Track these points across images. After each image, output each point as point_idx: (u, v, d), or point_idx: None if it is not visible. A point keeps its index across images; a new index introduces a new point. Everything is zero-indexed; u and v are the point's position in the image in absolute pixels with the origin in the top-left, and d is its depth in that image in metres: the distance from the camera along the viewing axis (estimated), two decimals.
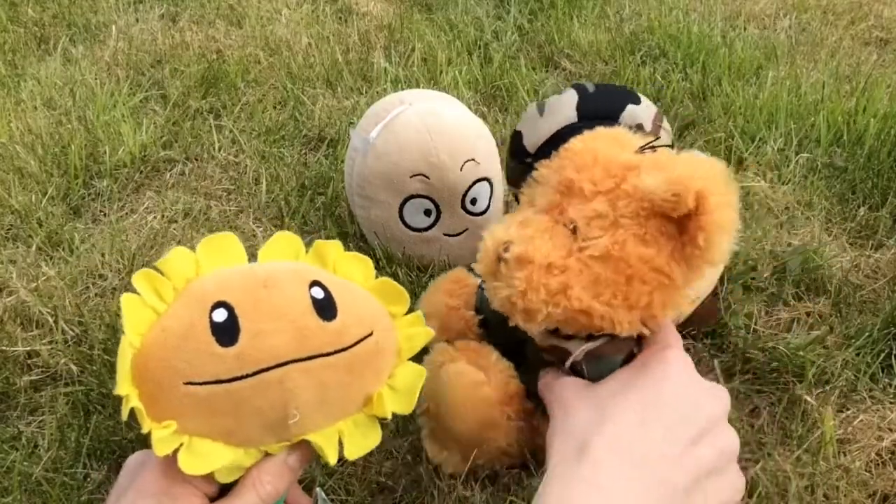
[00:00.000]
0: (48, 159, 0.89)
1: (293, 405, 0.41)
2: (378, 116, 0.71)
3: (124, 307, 0.41)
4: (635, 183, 0.41)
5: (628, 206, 0.41)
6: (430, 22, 1.27)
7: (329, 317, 0.42)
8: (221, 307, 0.41)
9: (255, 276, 0.43)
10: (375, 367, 0.44)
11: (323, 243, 0.47)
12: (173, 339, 0.41)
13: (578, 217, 0.42)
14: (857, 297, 0.71)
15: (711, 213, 0.39)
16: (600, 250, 0.41)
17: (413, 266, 0.73)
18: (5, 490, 0.54)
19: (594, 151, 0.44)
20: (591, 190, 0.43)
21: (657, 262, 0.41)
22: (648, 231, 0.41)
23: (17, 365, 0.64)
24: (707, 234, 0.39)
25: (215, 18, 1.28)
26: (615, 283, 0.41)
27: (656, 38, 1.17)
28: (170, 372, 0.40)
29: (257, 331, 0.40)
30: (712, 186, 0.39)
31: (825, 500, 0.53)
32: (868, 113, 0.96)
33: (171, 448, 0.39)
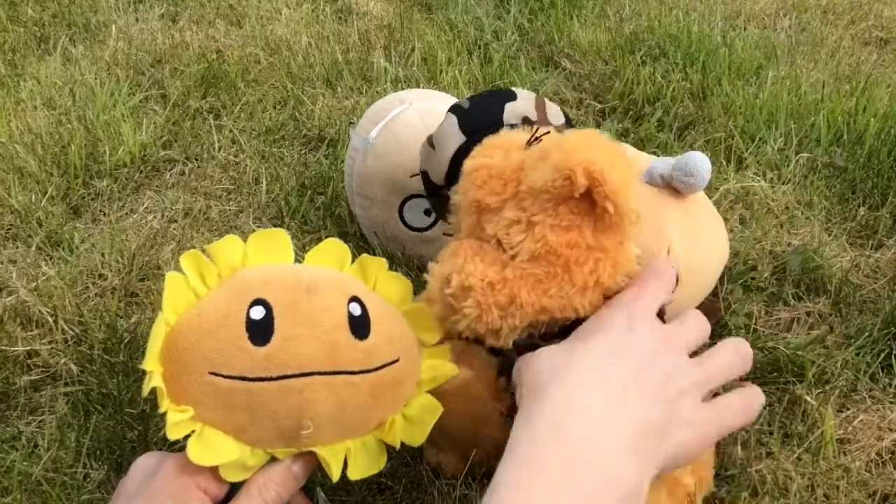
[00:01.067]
0: (48, 159, 0.89)
1: (308, 416, 0.41)
2: (378, 116, 0.71)
3: (167, 284, 0.42)
4: (528, 178, 0.42)
5: (534, 205, 0.42)
6: (430, 22, 1.27)
7: (362, 335, 0.42)
8: (260, 305, 0.41)
9: (298, 279, 0.43)
10: (395, 394, 0.44)
11: (368, 259, 0.48)
12: (207, 324, 0.41)
13: (496, 230, 0.43)
14: (857, 296, 0.71)
15: (606, 181, 0.39)
16: (528, 253, 0.42)
17: (413, 266, 0.73)
18: (5, 490, 0.54)
19: (486, 167, 0.45)
20: (496, 201, 0.44)
21: (584, 241, 0.42)
22: (562, 218, 0.42)
23: (16, 365, 0.64)
24: (613, 200, 0.40)
25: (215, 18, 1.28)
26: (556, 276, 0.42)
27: (656, 37, 1.17)
28: (197, 357, 0.40)
29: (290, 335, 0.41)
30: (594, 155, 0.40)
31: (825, 499, 0.53)
32: (868, 112, 0.96)
33: (183, 433, 0.40)
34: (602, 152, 0.40)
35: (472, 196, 0.45)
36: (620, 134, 0.97)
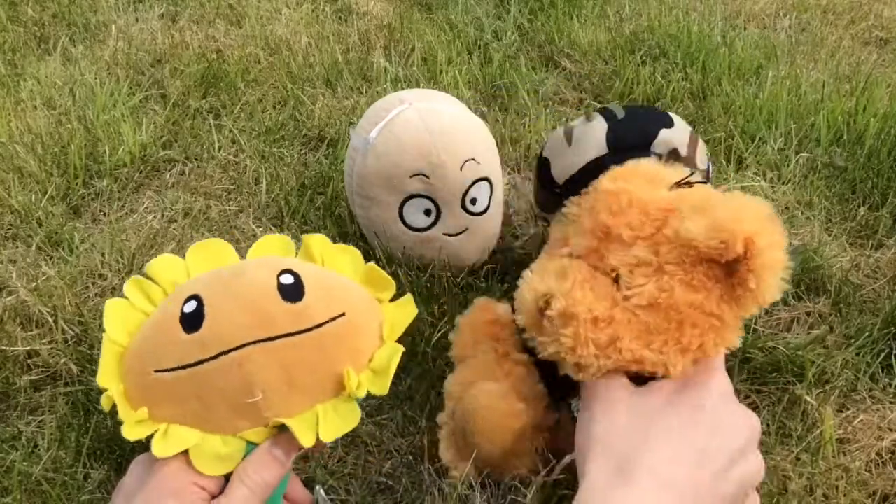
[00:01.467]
0: (48, 159, 0.89)
1: (257, 386, 0.41)
2: (378, 116, 0.71)
3: (106, 310, 0.44)
4: (677, 229, 0.40)
5: (671, 252, 0.40)
6: (430, 21, 1.27)
7: (294, 299, 0.42)
8: (192, 299, 0.43)
9: (230, 270, 0.44)
10: (350, 346, 0.43)
11: (309, 238, 0.47)
12: (147, 331, 0.43)
13: (619, 264, 0.41)
14: (857, 296, 0.71)
15: (761, 256, 0.38)
16: (647, 299, 0.40)
17: (413, 266, 0.73)
18: (5, 490, 0.54)
19: (628, 193, 0.42)
20: (630, 235, 0.41)
21: (707, 307, 0.40)
22: (695, 276, 0.39)
23: (16, 365, 0.64)
24: (758, 277, 0.38)
25: (215, 18, 1.28)
26: (666, 331, 0.40)
27: (656, 37, 1.17)
28: (141, 361, 0.42)
29: (218, 314, 0.41)
30: (759, 229, 0.38)
31: (825, 499, 0.53)
32: (868, 112, 0.96)
33: (142, 434, 0.40)
34: (768, 226, 0.38)
35: (603, 220, 0.42)
36: None
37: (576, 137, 0.49)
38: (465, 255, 0.74)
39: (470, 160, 0.69)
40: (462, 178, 0.69)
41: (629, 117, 0.49)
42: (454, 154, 0.68)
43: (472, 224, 0.72)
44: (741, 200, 0.40)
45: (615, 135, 0.47)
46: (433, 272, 0.72)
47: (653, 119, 0.49)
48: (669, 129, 0.48)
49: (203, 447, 0.41)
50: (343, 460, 0.58)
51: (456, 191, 0.70)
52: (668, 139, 0.47)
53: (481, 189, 0.71)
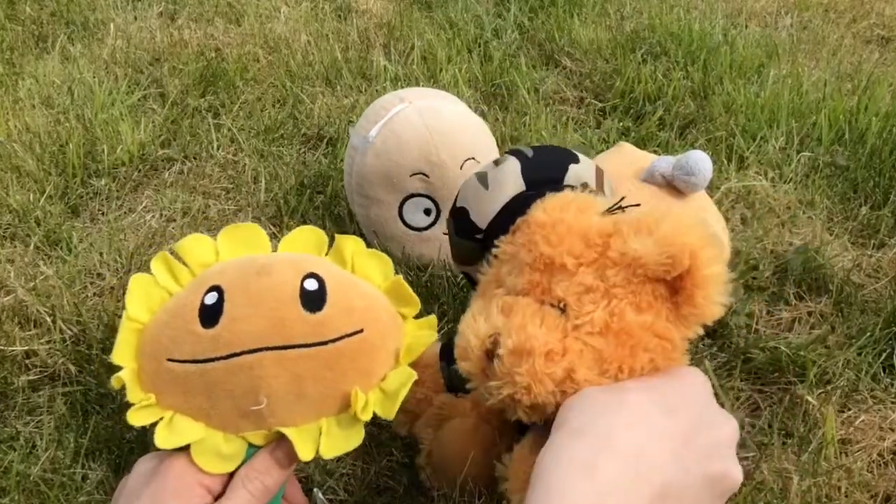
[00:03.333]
0: (46, 158, 0.89)
1: (263, 392, 0.40)
2: (377, 115, 0.71)
3: (130, 285, 0.43)
4: (622, 249, 0.39)
5: (618, 275, 0.39)
6: (430, 20, 1.27)
7: (314, 308, 0.41)
8: (214, 291, 0.42)
9: (253, 263, 0.43)
10: (363, 366, 0.42)
11: (343, 238, 0.47)
12: (165, 316, 0.42)
13: (567, 294, 0.40)
14: (859, 296, 0.71)
15: (706, 268, 0.38)
16: (598, 325, 0.39)
17: (413, 265, 0.73)
18: (3, 490, 0.54)
19: (564, 222, 0.41)
20: (573, 263, 0.40)
21: (657, 328, 0.39)
22: (643, 297, 0.39)
23: (14, 364, 0.64)
24: (705, 291, 0.38)
25: (214, 16, 1.28)
26: (619, 356, 0.39)
27: (657, 35, 1.17)
28: (156, 347, 0.42)
29: (236, 315, 0.41)
30: (701, 241, 0.38)
31: (827, 500, 0.53)
32: (870, 111, 0.95)
33: (146, 420, 0.41)
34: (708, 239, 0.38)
35: (544, 252, 0.41)
36: (621, 133, 0.97)
37: (491, 180, 0.48)
38: None
39: (470, 159, 0.69)
40: (462, 177, 0.69)
41: (538, 154, 0.49)
42: (454, 153, 0.68)
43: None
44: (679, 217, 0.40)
45: (528, 171, 0.48)
46: (433, 272, 0.72)
47: (561, 155, 0.50)
48: (577, 164, 0.49)
49: (205, 443, 0.41)
50: (342, 460, 0.57)
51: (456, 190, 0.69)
52: (577, 173, 0.48)
53: None
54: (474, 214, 0.49)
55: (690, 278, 0.38)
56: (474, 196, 0.49)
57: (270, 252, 0.46)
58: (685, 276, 0.38)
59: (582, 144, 0.93)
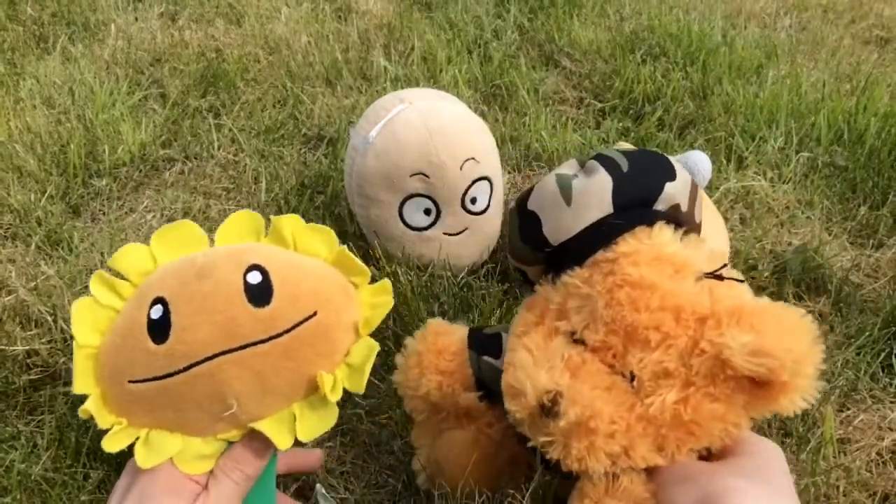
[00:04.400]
0: (47, 158, 0.89)
1: (230, 396, 0.40)
2: (378, 115, 0.71)
3: (73, 313, 0.42)
4: (717, 345, 0.36)
5: (703, 365, 0.36)
6: (430, 20, 1.27)
7: (262, 303, 0.41)
8: (158, 303, 0.41)
9: (192, 265, 0.42)
10: (323, 348, 0.42)
11: (279, 219, 0.45)
12: (118, 338, 0.42)
13: (642, 371, 0.37)
14: (858, 296, 0.71)
15: (800, 380, 0.35)
16: (669, 412, 0.36)
17: (412, 265, 0.73)
18: (5, 490, 0.54)
19: (653, 286, 0.37)
20: (658, 340, 0.37)
21: (729, 417, 0.37)
22: (722, 389, 0.36)
23: (16, 364, 0.64)
24: (792, 397, 0.35)
25: (215, 17, 1.28)
26: (682, 440, 0.37)
27: (656, 36, 1.17)
28: (116, 371, 0.41)
29: (186, 325, 0.40)
30: (805, 356, 0.35)
31: (825, 499, 0.53)
32: (869, 112, 0.96)
33: (123, 444, 0.40)
34: (813, 352, 0.35)
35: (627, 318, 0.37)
36: (621, 133, 0.97)
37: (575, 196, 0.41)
38: (465, 255, 0.74)
39: (470, 159, 0.69)
40: (462, 178, 0.69)
41: (634, 169, 0.42)
42: (454, 153, 0.68)
43: (472, 224, 0.72)
44: (785, 316, 0.36)
45: (621, 192, 0.41)
46: (433, 272, 0.72)
47: (658, 171, 0.42)
48: (673, 181, 0.42)
49: (185, 452, 0.41)
50: (342, 459, 0.58)
51: (456, 190, 0.69)
52: (671, 194, 0.42)
53: (481, 188, 0.71)
54: (547, 228, 0.42)
55: (783, 386, 0.35)
56: (551, 207, 0.42)
57: (207, 246, 0.45)
58: (779, 383, 0.35)
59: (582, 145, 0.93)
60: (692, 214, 0.43)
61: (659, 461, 0.37)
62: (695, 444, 0.37)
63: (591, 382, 0.37)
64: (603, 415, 0.36)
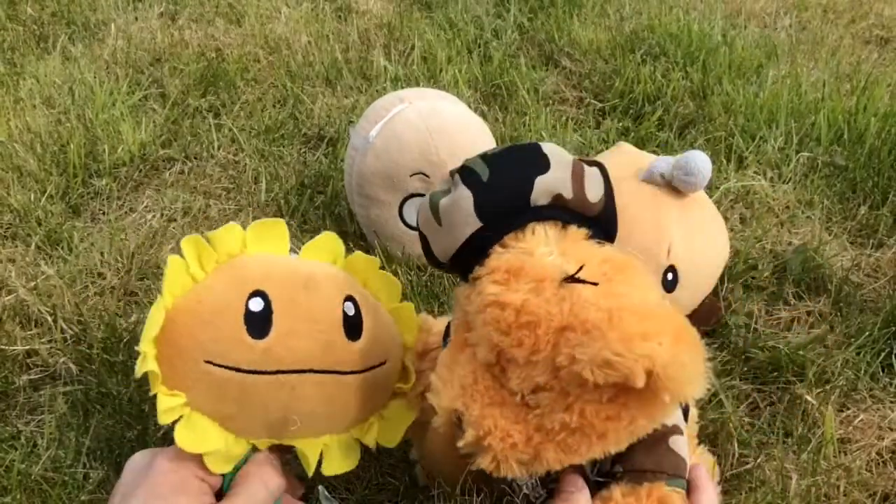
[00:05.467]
0: (47, 158, 0.89)
1: (296, 411, 0.41)
2: (378, 115, 0.71)
3: (168, 267, 0.42)
4: (570, 355, 0.35)
5: (570, 376, 0.35)
6: (430, 20, 1.27)
7: (354, 336, 0.43)
8: (259, 297, 0.41)
9: (297, 273, 0.44)
10: (378, 395, 0.45)
11: (358, 258, 0.48)
12: (207, 314, 0.41)
13: (521, 387, 0.37)
14: (858, 296, 0.71)
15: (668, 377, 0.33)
16: (558, 422, 0.36)
17: (413, 265, 0.73)
18: (5, 489, 0.54)
19: (512, 305, 0.37)
20: (524, 357, 0.37)
21: (626, 414, 0.36)
22: (604, 394, 0.35)
23: (16, 364, 0.64)
24: (671, 393, 0.34)
25: (214, 17, 1.28)
26: (587, 441, 0.36)
27: (656, 36, 1.17)
28: (194, 344, 0.41)
29: (288, 331, 0.41)
30: (660, 350, 0.33)
31: (826, 499, 0.53)
32: (869, 112, 0.96)
33: (174, 418, 0.40)
34: (665, 336, 0.34)
35: (494, 338, 0.37)
36: (621, 133, 0.97)
37: (443, 214, 0.41)
38: None
39: None
40: None
41: (496, 176, 0.40)
42: (454, 153, 0.68)
43: None
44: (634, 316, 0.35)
45: (484, 204, 0.39)
46: (433, 272, 0.72)
47: (525, 169, 0.40)
48: (545, 173, 0.40)
49: (220, 450, 0.41)
50: None
51: None
52: (546, 186, 0.40)
53: None
54: (434, 246, 0.43)
55: (653, 384, 0.34)
56: (429, 228, 0.42)
57: (288, 251, 0.46)
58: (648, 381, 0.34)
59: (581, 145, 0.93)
60: (582, 198, 0.41)
61: (577, 460, 0.37)
62: (603, 446, 0.37)
63: (482, 401, 0.37)
64: (496, 431, 0.36)
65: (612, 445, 0.37)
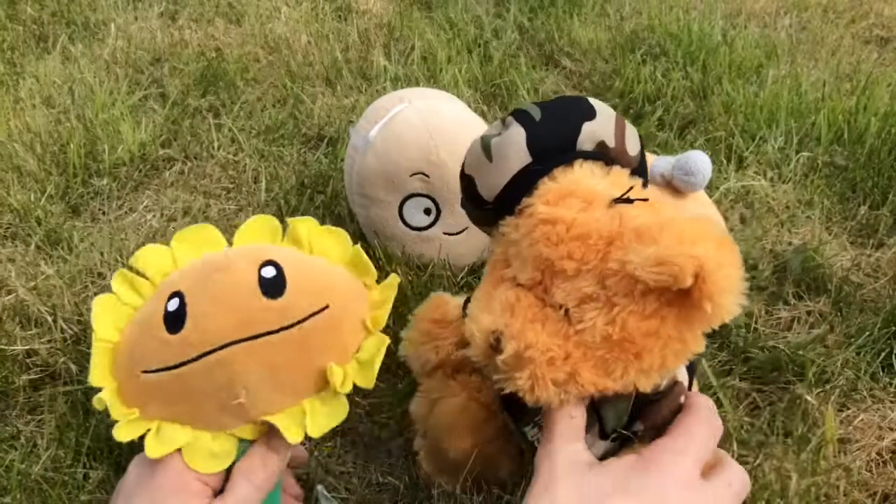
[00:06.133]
0: (47, 158, 0.89)
1: (240, 385, 0.41)
2: (378, 115, 0.71)
3: (95, 307, 0.43)
4: (621, 261, 0.37)
5: (619, 283, 0.37)
6: (430, 20, 1.27)
7: (275, 294, 0.42)
8: (175, 297, 0.42)
9: (213, 263, 0.44)
10: (335, 342, 0.43)
11: (295, 222, 0.47)
12: (135, 331, 0.43)
13: (567, 300, 0.39)
14: (858, 295, 0.71)
15: (713, 280, 0.35)
16: (600, 335, 0.38)
17: (413, 265, 0.73)
18: (4, 489, 0.54)
19: (564, 221, 0.39)
20: (573, 268, 0.39)
21: (664, 332, 0.38)
22: (647, 304, 0.37)
23: (15, 364, 0.64)
24: (714, 301, 0.36)
25: (214, 16, 1.28)
26: (625, 360, 0.38)
27: (657, 36, 1.17)
28: (130, 362, 0.42)
29: (200, 315, 0.41)
30: (707, 253, 0.35)
31: (826, 499, 0.53)
32: (869, 111, 0.96)
33: (134, 434, 0.41)
34: (712, 246, 0.36)
35: (543, 253, 0.39)
36: None
37: (494, 150, 0.44)
38: (465, 255, 0.74)
39: None
40: None
41: (547, 117, 0.43)
42: (454, 153, 0.68)
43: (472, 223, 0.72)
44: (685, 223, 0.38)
45: (535, 140, 0.42)
46: (433, 272, 0.72)
47: (572, 114, 0.43)
48: (592, 120, 0.43)
49: (195, 446, 0.41)
50: (342, 459, 0.58)
51: (456, 190, 0.69)
52: (592, 133, 0.43)
53: None
54: (480, 186, 0.45)
55: (698, 290, 0.36)
56: (478, 166, 0.45)
57: (225, 248, 0.46)
58: (693, 286, 0.36)
59: None
60: (622, 150, 0.44)
61: (610, 385, 0.39)
62: (639, 364, 0.38)
63: (524, 317, 0.39)
64: (537, 344, 0.38)
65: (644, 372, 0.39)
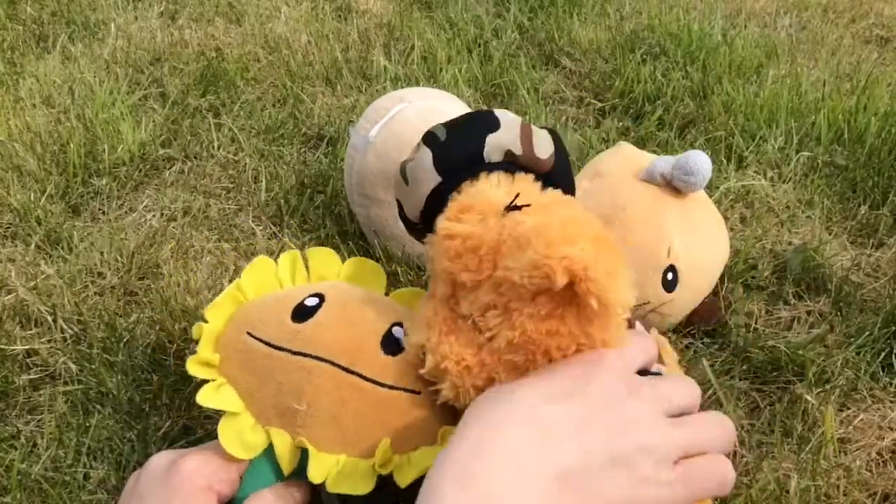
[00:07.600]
0: (47, 157, 0.89)
1: (307, 398, 0.42)
2: (378, 115, 0.71)
3: (252, 264, 0.48)
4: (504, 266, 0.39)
5: (511, 290, 0.39)
6: (430, 20, 1.27)
7: (389, 353, 0.44)
8: (317, 297, 0.46)
9: (363, 295, 0.48)
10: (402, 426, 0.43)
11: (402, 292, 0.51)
12: (269, 300, 0.47)
13: (472, 310, 0.41)
14: (858, 295, 0.71)
15: (592, 278, 0.35)
16: (505, 340, 0.39)
17: (413, 265, 0.73)
18: (4, 489, 0.54)
19: (460, 236, 0.41)
20: (471, 279, 0.40)
21: (566, 329, 0.38)
22: (542, 306, 0.38)
23: (15, 364, 0.64)
24: (597, 295, 0.36)
25: (214, 16, 1.28)
26: (535, 361, 0.39)
27: (657, 36, 1.17)
28: (245, 318, 0.46)
29: (325, 323, 0.44)
30: (583, 252, 0.36)
31: (826, 499, 0.53)
32: (869, 111, 0.96)
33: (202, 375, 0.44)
34: (585, 241, 0.37)
35: (446, 267, 0.41)
36: (621, 133, 0.97)
37: (409, 174, 0.46)
38: None
39: None
40: None
41: (451, 135, 0.45)
42: None
43: None
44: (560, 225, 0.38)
45: (441, 160, 0.44)
46: None
47: (476, 128, 0.45)
48: (495, 132, 0.44)
49: (235, 422, 0.42)
50: None
51: None
52: (497, 143, 0.44)
53: None
54: (406, 209, 0.48)
55: (579, 288, 0.36)
56: (400, 190, 0.48)
57: (383, 292, 0.51)
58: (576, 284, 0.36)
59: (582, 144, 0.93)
60: (531, 155, 0.45)
61: None
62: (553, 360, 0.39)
63: (440, 331, 0.41)
64: (451, 355, 0.40)
65: None
